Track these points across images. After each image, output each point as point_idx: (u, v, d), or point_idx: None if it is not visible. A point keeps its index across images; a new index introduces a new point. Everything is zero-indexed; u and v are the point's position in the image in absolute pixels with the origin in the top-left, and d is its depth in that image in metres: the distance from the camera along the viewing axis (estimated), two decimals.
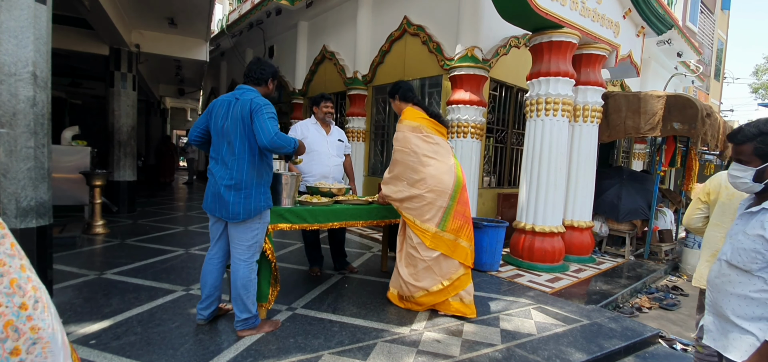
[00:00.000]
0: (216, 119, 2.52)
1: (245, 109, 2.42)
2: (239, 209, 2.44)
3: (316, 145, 3.77)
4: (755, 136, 1.45)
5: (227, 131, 2.46)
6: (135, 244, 4.80)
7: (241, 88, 2.55)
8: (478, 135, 5.28)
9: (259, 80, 2.58)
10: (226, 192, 2.45)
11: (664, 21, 5.60)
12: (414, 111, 3.24)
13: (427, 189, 3.07)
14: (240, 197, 2.44)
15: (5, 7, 2.67)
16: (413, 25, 6.00)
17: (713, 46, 14.54)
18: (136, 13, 6.59)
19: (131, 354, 2.33)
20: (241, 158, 2.45)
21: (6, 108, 2.71)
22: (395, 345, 2.65)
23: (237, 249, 2.54)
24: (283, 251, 4.87)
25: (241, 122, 2.42)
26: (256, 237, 2.55)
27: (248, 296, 2.56)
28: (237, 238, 2.53)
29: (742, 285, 1.45)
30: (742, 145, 1.48)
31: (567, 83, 4.53)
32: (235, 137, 2.43)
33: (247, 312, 2.58)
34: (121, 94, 6.95)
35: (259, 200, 2.50)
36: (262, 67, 2.57)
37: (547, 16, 4.17)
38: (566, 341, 2.88)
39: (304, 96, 8.72)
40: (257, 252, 2.60)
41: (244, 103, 2.43)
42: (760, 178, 1.45)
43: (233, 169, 2.45)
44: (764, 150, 1.43)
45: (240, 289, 2.53)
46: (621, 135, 5.60)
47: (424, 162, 3.10)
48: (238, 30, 10.35)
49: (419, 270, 3.13)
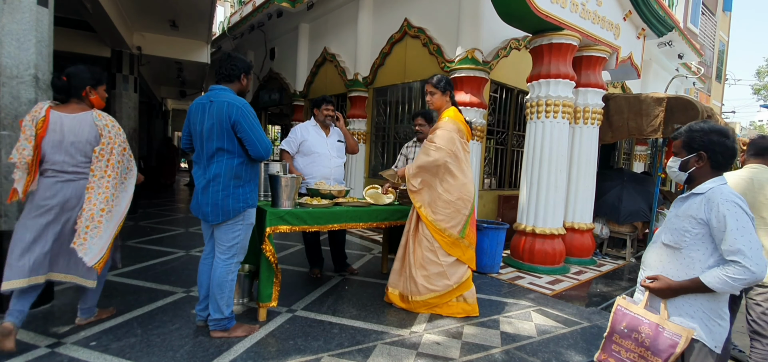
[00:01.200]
0: (194, 123, 2.50)
1: (224, 113, 2.36)
2: (217, 211, 2.43)
3: (317, 147, 3.78)
4: (684, 132, 1.72)
5: (204, 134, 2.43)
6: (135, 246, 4.81)
7: (214, 88, 2.48)
8: (479, 137, 5.29)
9: (231, 77, 2.50)
10: (203, 194, 2.45)
11: (664, 23, 5.60)
12: (457, 112, 3.20)
13: (458, 197, 3.09)
14: (217, 198, 2.42)
15: (7, 10, 2.69)
16: (414, 27, 6.02)
17: (715, 48, 14.52)
18: (137, 16, 6.62)
19: (131, 355, 2.34)
20: (217, 160, 2.42)
21: (8, 110, 2.73)
22: (395, 347, 2.65)
23: (218, 248, 2.54)
24: (284, 253, 4.88)
25: (218, 125, 2.37)
26: (236, 239, 2.52)
27: (222, 296, 2.52)
28: (218, 238, 2.53)
29: (671, 262, 1.68)
30: (675, 140, 1.75)
31: (567, 85, 4.53)
32: (212, 140, 2.39)
33: (220, 313, 2.53)
34: (122, 96, 6.98)
35: (237, 201, 2.45)
36: (233, 63, 2.49)
37: (548, 18, 4.17)
38: (566, 343, 2.88)
39: (305, 98, 8.74)
40: (238, 254, 2.57)
41: (220, 106, 2.37)
42: (684, 168, 1.71)
43: (210, 171, 2.43)
44: (689, 144, 1.69)
45: (215, 288, 2.50)
46: (624, 136, 5.59)
47: (463, 169, 3.14)
48: (239, 32, 10.38)
49: (433, 274, 3.12)
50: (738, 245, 1.48)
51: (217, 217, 2.44)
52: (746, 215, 1.52)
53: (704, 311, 1.61)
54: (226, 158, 2.42)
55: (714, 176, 1.65)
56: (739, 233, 1.49)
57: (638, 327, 1.70)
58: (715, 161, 1.64)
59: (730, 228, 1.50)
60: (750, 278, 1.47)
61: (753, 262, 1.46)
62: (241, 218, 2.51)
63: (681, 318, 1.64)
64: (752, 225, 1.51)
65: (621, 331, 1.76)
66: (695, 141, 1.67)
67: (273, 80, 9.97)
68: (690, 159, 1.69)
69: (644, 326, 1.69)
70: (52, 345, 2.40)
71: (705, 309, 1.61)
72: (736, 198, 1.56)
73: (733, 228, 1.50)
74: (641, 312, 1.73)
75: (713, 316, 1.61)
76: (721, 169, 1.65)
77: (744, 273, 1.47)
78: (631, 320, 1.73)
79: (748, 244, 1.47)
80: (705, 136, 1.65)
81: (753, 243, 1.48)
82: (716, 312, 1.61)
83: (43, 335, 2.52)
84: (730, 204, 1.53)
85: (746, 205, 1.54)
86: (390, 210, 3.40)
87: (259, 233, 2.91)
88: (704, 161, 1.65)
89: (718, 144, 1.63)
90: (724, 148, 1.63)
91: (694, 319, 1.62)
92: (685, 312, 1.64)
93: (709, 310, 1.61)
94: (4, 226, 2.76)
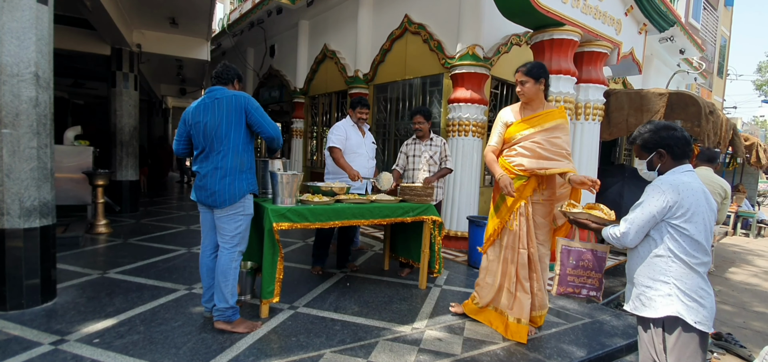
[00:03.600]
0: (197, 123, 2.61)
1: (239, 104, 2.58)
2: (225, 195, 2.56)
3: (357, 146, 3.96)
4: (638, 137, 1.92)
5: (211, 128, 2.56)
6: (137, 244, 4.82)
7: (214, 89, 2.65)
8: (480, 133, 5.28)
9: (226, 80, 2.73)
10: (211, 181, 2.57)
11: (666, 18, 5.57)
12: (563, 111, 2.90)
13: None
14: (224, 184, 2.56)
15: (7, 8, 2.68)
16: (414, 24, 6.00)
17: (716, 43, 14.47)
18: (137, 13, 6.61)
19: (134, 352, 2.35)
20: (225, 150, 2.57)
21: (9, 108, 2.72)
22: (397, 343, 2.66)
23: (222, 238, 2.66)
24: (285, 250, 4.88)
25: (232, 115, 2.56)
26: (239, 229, 2.65)
27: (226, 285, 2.62)
28: (221, 229, 2.64)
29: (642, 248, 1.86)
30: (634, 145, 1.95)
31: (568, 81, 4.52)
32: (220, 131, 2.55)
33: (224, 302, 2.63)
34: (123, 94, 6.97)
35: (242, 185, 2.61)
36: (228, 69, 2.75)
37: (549, 13, 4.15)
38: (568, 339, 2.89)
39: (305, 95, 8.73)
40: (241, 243, 2.68)
41: (231, 99, 2.58)
42: (651, 167, 1.90)
43: (218, 160, 2.57)
44: (645, 146, 1.88)
45: (219, 277, 2.62)
46: (623, 133, 5.58)
47: None
48: (239, 29, 10.36)
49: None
50: (631, 217, 1.81)
51: (224, 201, 2.56)
52: (657, 200, 1.73)
53: (678, 287, 1.73)
54: (232, 148, 2.57)
55: (678, 166, 1.81)
56: (638, 207, 1.80)
57: (582, 256, 2.29)
58: (674, 153, 1.80)
59: (640, 202, 1.80)
60: (620, 242, 1.87)
61: (629, 239, 1.82)
62: (241, 206, 2.63)
63: (658, 297, 1.77)
64: (654, 210, 1.73)
65: (572, 265, 2.27)
66: (649, 142, 1.86)
67: (273, 77, 9.96)
68: (652, 158, 1.87)
69: (585, 254, 2.29)
70: (56, 343, 2.41)
71: (678, 285, 1.73)
72: (668, 185, 1.73)
73: (640, 202, 1.80)
74: (579, 245, 2.31)
75: (688, 292, 1.72)
76: (683, 157, 1.81)
77: (617, 236, 1.87)
78: (576, 253, 2.30)
79: (633, 222, 1.79)
80: (655, 135, 1.83)
81: (636, 223, 1.79)
82: (690, 288, 1.72)
83: (47, 332, 2.53)
84: (655, 187, 1.77)
85: (674, 195, 1.70)
86: (391, 207, 3.40)
87: (260, 230, 2.92)
88: (665, 156, 1.83)
89: (669, 138, 1.80)
90: (676, 139, 1.79)
91: (671, 296, 1.74)
92: (661, 292, 1.77)
93: (684, 285, 1.72)
94: (7, 225, 2.77)
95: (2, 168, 2.73)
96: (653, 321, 1.79)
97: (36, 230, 2.88)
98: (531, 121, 2.75)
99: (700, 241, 1.71)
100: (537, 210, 2.80)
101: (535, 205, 2.79)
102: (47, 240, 2.96)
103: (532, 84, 2.72)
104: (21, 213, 2.80)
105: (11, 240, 2.78)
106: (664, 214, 1.73)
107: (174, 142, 2.79)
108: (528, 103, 2.81)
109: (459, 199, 5.33)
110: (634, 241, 1.82)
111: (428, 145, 4.05)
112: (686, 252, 1.71)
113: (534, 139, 2.71)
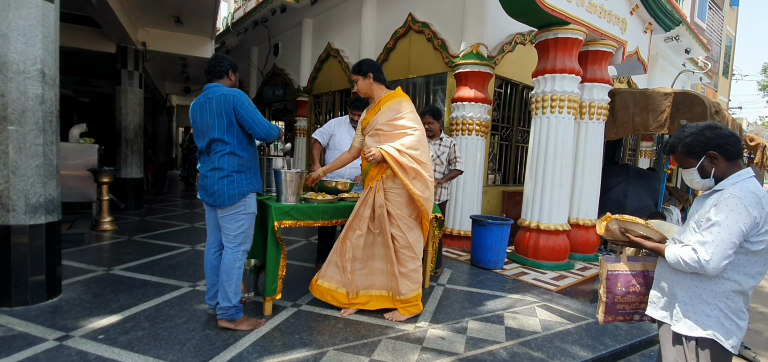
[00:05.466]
0: (194, 121, 2.63)
1: (228, 104, 2.50)
2: (223, 196, 2.54)
3: (343, 144, 3.90)
4: (678, 144, 1.66)
5: (205, 128, 2.56)
6: (142, 241, 4.84)
7: (208, 87, 2.62)
8: (483, 132, 5.27)
9: (219, 74, 2.64)
10: (210, 181, 2.56)
11: (672, 17, 5.54)
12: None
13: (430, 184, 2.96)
14: (223, 185, 2.54)
15: (14, 5, 2.70)
16: (418, 22, 5.99)
17: (722, 43, 14.37)
18: (142, 11, 6.63)
19: (139, 349, 2.36)
20: (220, 150, 2.55)
21: (15, 105, 2.74)
22: (400, 341, 2.66)
23: (225, 238, 2.65)
24: (289, 248, 4.89)
25: (222, 116, 2.50)
26: (241, 228, 2.63)
27: (230, 284, 2.61)
28: (224, 228, 2.64)
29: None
30: (675, 155, 1.70)
31: (573, 80, 4.50)
32: (213, 132, 2.52)
33: (227, 301, 2.63)
34: (127, 92, 7.00)
35: (242, 185, 2.58)
36: (219, 62, 2.66)
37: (553, 12, 4.14)
38: (571, 339, 2.88)
39: (309, 93, 8.74)
40: (245, 242, 2.67)
41: (220, 98, 2.51)
42: (704, 174, 1.62)
43: (215, 160, 2.55)
44: (691, 151, 1.62)
45: (223, 276, 2.62)
46: (628, 132, 5.55)
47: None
48: (243, 28, 10.38)
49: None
50: (710, 239, 1.47)
51: (224, 201, 2.54)
52: (742, 216, 1.44)
53: (721, 309, 1.53)
54: (228, 148, 2.54)
55: (734, 169, 1.58)
56: (715, 227, 1.47)
57: (631, 281, 1.88)
58: (728, 153, 1.58)
59: (717, 221, 1.47)
60: (698, 270, 1.49)
61: (712, 265, 1.45)
62: (242, 205, 2.60)
63: (697, 315, 1.57)
64: (743, 228, 1.44)
65: (621, 293, 1.88)
66: (695, 145, 1.62)
67: (277, 76, 9.97)
68: (703, 163, 1.61)
69: (636, 278, 1.88)
70: (61, 339, 2.42)
71: (722, 307, 1.53)
72: (749, 195, 1.46)
73: (713, 220, 1.48)
74: (627, 267, 1.88)
75: (730, 314, 1.53)
76: (736, 157, 1.58)
77: (694, 263, 1.49)
78: (624, 278, 1.89)
79: (717, 246, 1.45)
80: (701, 136, 1.60)
81: (722, 247, 1.45)
82: (733, 310, 1.53)
83: (52, 328, 2.55)
84: (734, 199, 1.47)
85: (758, 208, 1.45)
86: None
87: (264, 228, 2.92)
88: (718, 159, 1.58)
89: (718, 137, 1.58)
90: (726, 137, 1.58)
91: (710, 317, 1.55)
92: (702, 311, 1.56)
93: (727, 308, 1.53)
94: (12, 221, 2.79)
95: (8, 164, 2.75)
96: (686, 337, 1.61)
97: (41, 226, 2.90)
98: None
99: (765, 256, 1.51)
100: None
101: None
102: (52, 236, 2.98)
103: (366, 81, 2.97)
104: (27, 209, 2.82)
105: (17, 236, 2.81)
106: (750, 233, 1.46)
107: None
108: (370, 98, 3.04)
109: (462, 199, 5.32)
110: (718, 269, 1.47)
111: (437, 145, 4.01)
112: (745, 272, 1.51)
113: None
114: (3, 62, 2.69)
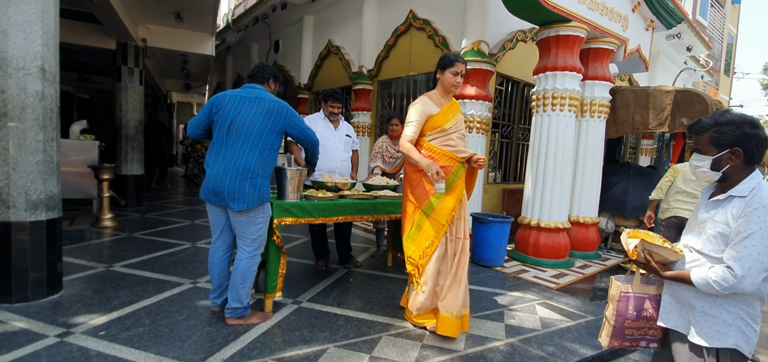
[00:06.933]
0: (225, 113, 2.52)
1: (281, 110, 2.60)
2: (245, 198, 2.49)
3: (324, 139, 3.78)
4: (711, 127, 1.53)
5: (242, 124, 2.50)
6: (143, 237, 4.84)
7: (252, 86, 2.66)
8: (484, 130, 5.26)
9: (262, 79, 2.73)
10: (234, 182, 2.47)
11: (673, 14, 5.52)
12: None
13: None
14: (252, 186, 2.51)
15: (14, 1, 2.69)
16: (419, 19, 5.97)
17: (723, 41, 14.33)
18: (142, 8, 6.61)
19: (140, 345, 2.36)
20: (253, 150, 2.51)
21: (15, 102, 2.74)
22: (400, 338, 2.66)
23: (243, 240, 2.62)
24: (289, 245, 4.90)
25: (270, 118, 2.55)
26: (260, 231, 2.62)
27: (244, 287, 2.64)
28: (242, 232, 2.60)
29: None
30: (700, 136, 1.57)
31: (574, 78, 4.49)
32: (253, 130, 2.51)
33: (240, 302, 2.65)
34: (128, 89, 6.99)
35: (262, 190, 2.57)
36: (262, 69, 2.78)
37: (555, 9, 4.12)
38: (571, 337, 2.88)
39: (309, 90, 8.73)
40: (261, 246, 2.67)
41: (273, 102, 2.59)
42: (716, 167, 1.53)
43: (242, 160, 2.48)
44: (719, 139, 1.51)
45: (238, 279, 2.62)
46: (629, 130, 5.54)
47: None
48: (243, 24, 10.36)
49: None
50: (745, 253, 1.38)
51: (244, 204, 2.48)
52: None
53: (742, 317, 1.48)
54: (262, 150, 2.54)
55: (748, 172, 1.50)
56: (749, 238, 1.38)
57: (643, 305, 1.72)
58: (752, 157, 1.49)
59: (751, 233, 1.38)
60: (734, 288, 1.40)
61: (749, 282, 1.37)
62: (262, 209, 2.60)
63: (718, 325, 1.50)
64: None
65: (631, 316, 1.73)
66: (727, 135, 1.49)
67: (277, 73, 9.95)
68: (722, 156, 1.51)
69: (648, 302, 1.72)
70: (62, 335, 2.43)
71: (742, 315, 1.48)
72: None
73: (752, 232, 1.38)
74: (640, 290, 1.72)
75: (750, 321, 1.48)
76: (754, 163, 1.50)
77: (730, 281, 1.39)
78: (635, 302, 1.73)
79: (755, 260, 1.37)
80: (738, 129, 1.47)
81: (759, 260, 1.36)
82: (752, 316, 1.48)
83: (53, 325, 2.55)
84: (765, 208, 1.39)
85: None
86: (395, 203, 3.40)
87: None
88: (739, 158, 1.48)
89: (753, 137, 1.46)
90: (760, 140, 1.47)
91: (731, 327, 1.48)
92: (723, 320, 1.49)
93: (747, 315, 1.48)
94: (13, 218, 2.79)
95: (9, 161, 2.75)
96: (707, 349, 1.54)
97: (42, 223, 2.90)
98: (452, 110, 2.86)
99: None
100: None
101: None
102: (53, 233, 2.98)
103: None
104: (27, 206, 2.82)
105: (17, 232, 2.81)
106: None
107: (191, 124, 2.67)
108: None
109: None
110: (756, 285, 1.39)
111: None
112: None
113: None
114: (3, 58, 2.68)
